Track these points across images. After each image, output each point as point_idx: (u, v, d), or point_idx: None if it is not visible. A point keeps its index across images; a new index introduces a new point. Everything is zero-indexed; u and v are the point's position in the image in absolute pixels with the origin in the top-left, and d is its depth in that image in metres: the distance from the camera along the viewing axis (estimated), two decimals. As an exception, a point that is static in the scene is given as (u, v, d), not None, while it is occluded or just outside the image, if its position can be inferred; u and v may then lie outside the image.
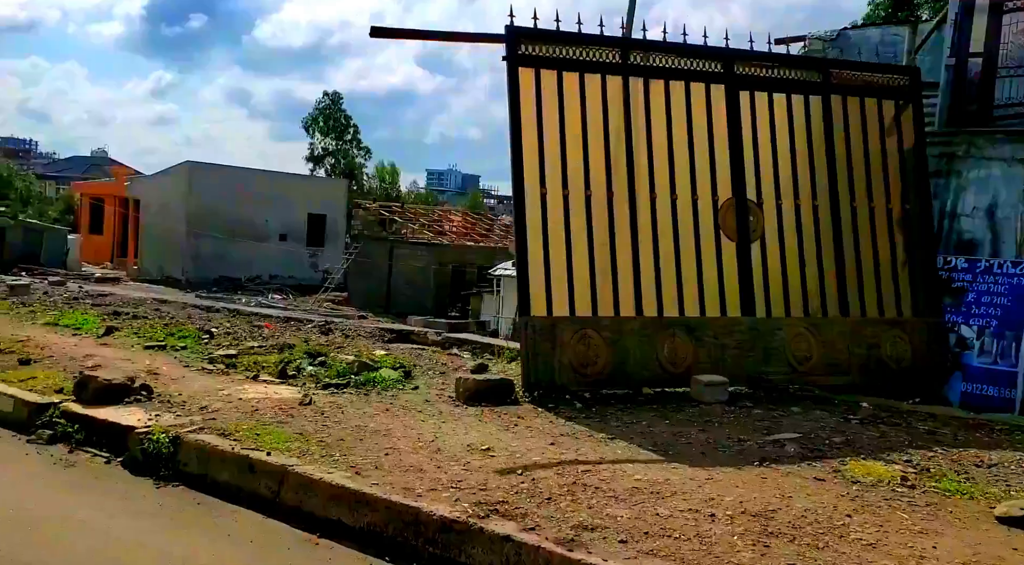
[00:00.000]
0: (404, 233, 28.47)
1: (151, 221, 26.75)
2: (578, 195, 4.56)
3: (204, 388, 4.37)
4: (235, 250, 26.86)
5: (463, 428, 3.63)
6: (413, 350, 5.84)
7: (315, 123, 45.63)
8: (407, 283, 27.54)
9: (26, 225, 24.29)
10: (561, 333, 4.35)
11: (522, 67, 4.53)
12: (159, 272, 25.96)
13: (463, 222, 31.60)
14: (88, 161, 58.88)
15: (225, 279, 26.46)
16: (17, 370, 4.60)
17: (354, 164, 45.49)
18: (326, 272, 29.05)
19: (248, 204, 27.46)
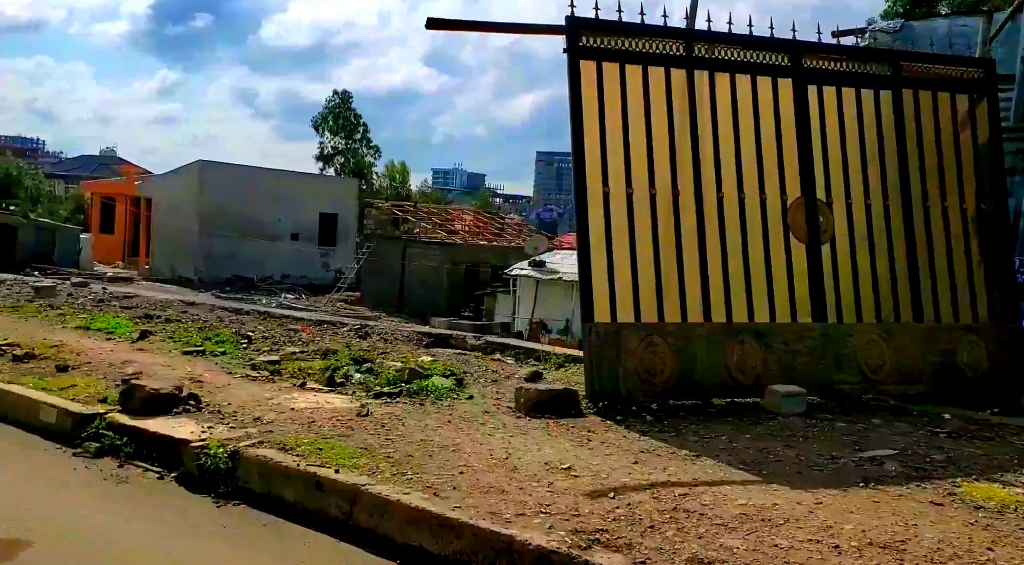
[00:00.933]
0: (417, 232, 28.32)
1: (163, 220, 26.74)
2: (642, 194, 4.34)
3: (252, 397, 4.18)
4: (247, 249, 26.81)
5: (534, 443, 3.41)
6: (456, 355, 5.63)
7: (324, 122, 45.60)
8: (420, 283, 27.40)
9: (38, 224, 24.29)
10: (626, 340, 4.13)
11: (583, 60, 4.31)
12: (171, 272, 25.93)
13: (474, 221, 31.41)
14: (97, 160, 59.12)
15: (237, 279, 26.42)
16: (56, 377, 4.44)
17: (363, 163, 45.42)
18: (338, 272, 28.96)
19: (260, 203, 27.41)
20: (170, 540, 2.76)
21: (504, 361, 5.74)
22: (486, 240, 28.77)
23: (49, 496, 3.05)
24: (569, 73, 4.28)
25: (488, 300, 25.49)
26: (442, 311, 25.29)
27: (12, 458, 3.51)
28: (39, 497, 3.03)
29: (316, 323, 7.11)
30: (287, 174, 31.27)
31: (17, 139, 74.96)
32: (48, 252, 23.11)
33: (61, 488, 3.15)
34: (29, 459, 3.51)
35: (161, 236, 27.15)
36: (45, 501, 2.99)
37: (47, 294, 7.78)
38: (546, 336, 19.57)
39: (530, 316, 21.55)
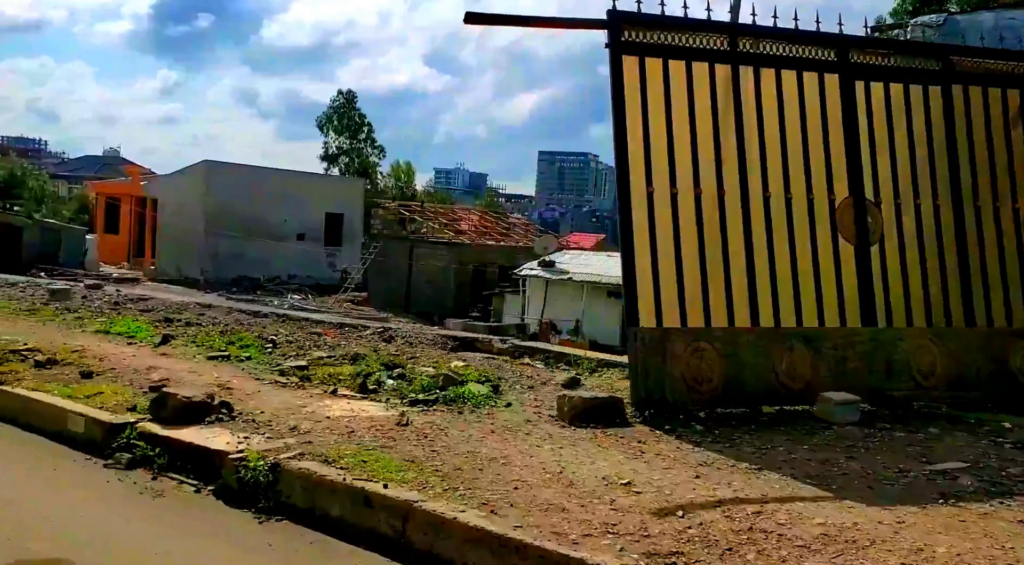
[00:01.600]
0: (424, 232, 28.19)
1: (168, 221, 26.63)
2: (687, 193, 4.19)
3: (285, 405, 4.05)
4: (253, 250, 26.68)
5: (586, 456, 3.27)
6: (485, 360, 5.49)
7: (329, 122, 45.50)
8: (427, 283, 27.26)
9: (43, 225, 24.20)
10: (673, 346, 3.98)
11: (626, 55, 4.15)
12: (177, 272, 25.81)
13: (481, 221, 31.26)
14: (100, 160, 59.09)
15: (244, 279, 26.30)
16: (80, 384, 4.31)
17: (368, 163, 45.31)
18: (344, 272, 28.82)
19: (266, 203, 27.28)
20: (216, 560, 2.63)
21: (534, 365, 5.59)
22: (493, 240, 28.64)
23: (87, 512, 2.92)
24: (611, 69, 4.14)
25: (496, 300, 25.34)
26: (449, 311, 25.15)
27: (42, 470, 3.39)
28: (76, 513, 2.91)
29: (337, 326, 6.98)
30: (293, 174, 31.15)
31: (19, 139, 74.78)
32: (53, 253, 23.00)
33: (97, 503, 3.03)
34: (60, 471, 3.39)
35: (167, 236, 27.06)
36: (83, 517, 2.87)
37: (63, 297, 7.66)
38: (556, 337, 19.45)
39: (540, 316, 21.45)
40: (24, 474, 3.36)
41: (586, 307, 20.17)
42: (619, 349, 17.18)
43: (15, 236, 22.61)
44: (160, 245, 27.16)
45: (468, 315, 24.16)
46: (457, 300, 25.97)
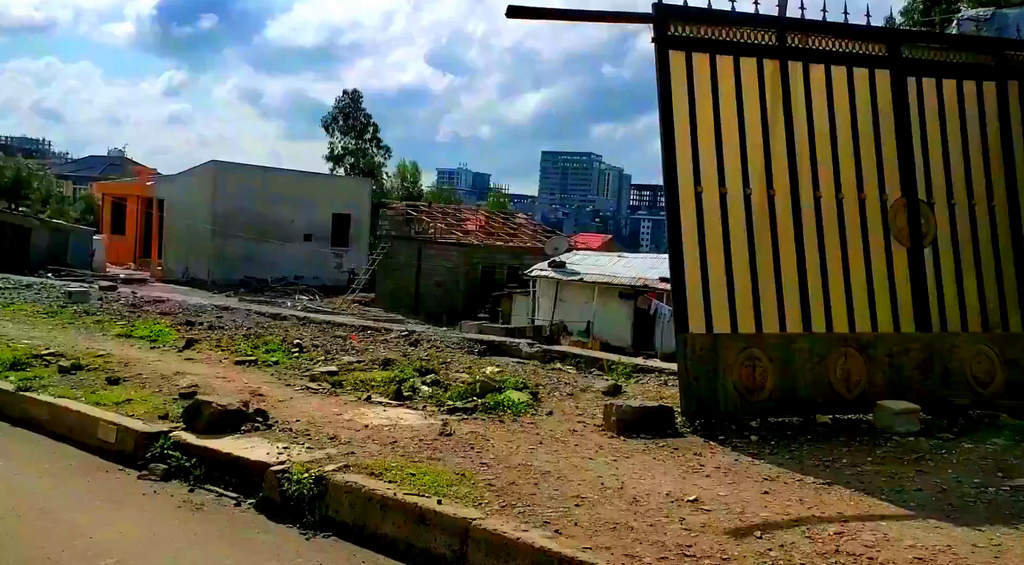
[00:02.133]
0: (432, 233, 28.06)
1: (175, 221, 26.57)
2: (736, 194, 4.03)
3: (320, 412, 3.91)
4: (260, 250, 26.59)
5: (643, 469, 3.12)
6: (516, 364, 5.34)
7: (335, 122, 45.43)
8: (436, 284, 27.13)
9: (51, 226, 24.16)
10: (724, 353, 3.82)
11: (672, 50, 4.00)
12: (184, 273, 25.75)
13: (489, 222, 31.09)
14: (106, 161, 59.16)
15: (251, 280, 26.22)
16: (108, 391, 4.19)
17: (373, 163, 45.20)
18: (352, 273, 28.70)
19: (273, 204, 27.20)
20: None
21: (565, 370, 5.44)
22: (501, 241, 28.50)
23: (125, 527, 2.79)
24: (657, 65, 3.99)
25: (505, 302, 25.20)
26: (458, 312, 25.04)
27: (74, 482, 3.26)
28: (115, 528, 2.77)
29: (360, 329, 6.85)
30: (300, 174, 31.06)
31: (24, 140, 74.59)
32: (61, 254, 22.94)
33: (135, 517, 2.89)
34: (93, 483, 3.26)
35: (173, 237, 27.00)
36: (122, 533, 2.73)
37: (80, 299, 7.56)
38: (566, 338, 19.30)
39: (550, 317, 21.30)
40: (56, 486, 3.23)
41: (597, 308, 20.02)
42: (630, 351, 17.10)
43: (23, 237, 22.58)
44: (167, 246, 27.12)
45: (476, 316, 24.05)
46: (466, 301, 25.85)
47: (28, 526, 2.77)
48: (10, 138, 76.78)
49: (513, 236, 29.45)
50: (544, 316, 20.74)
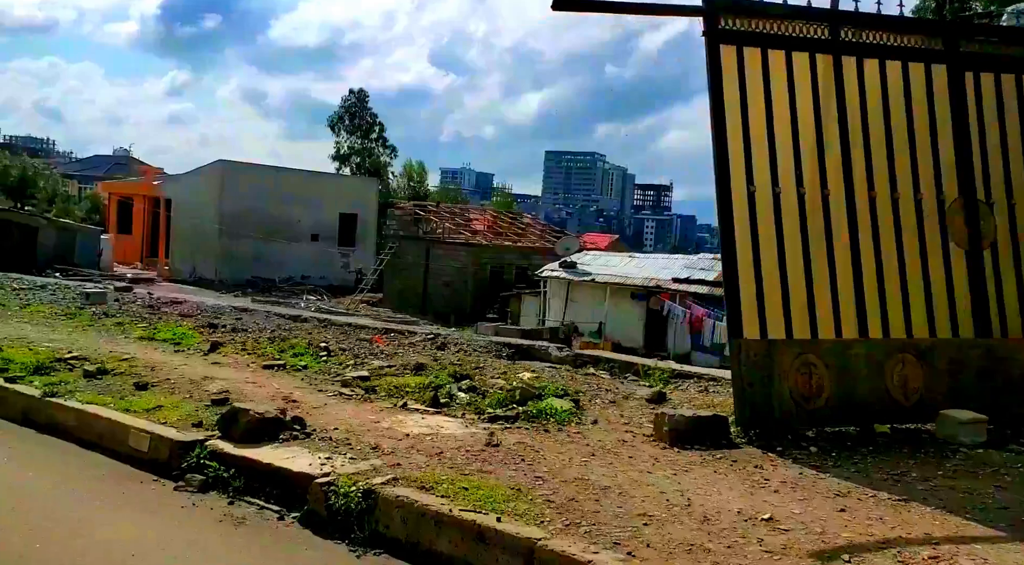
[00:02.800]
0: (440, 233, 27.91)
1: (182, 221, 26.46)
2: (790, 193, 3.88)
3: (357, 420, 3.77)
4: (267, 250, 26.48)
5: (707, 484, 2.96)
6: (550, 370, 5.19)
7: (340, 122, 45.31)
8: (444, 284, 26.98)
9: (58, 225, 24.09)
10: (779, 359, 3.67)
11: (723, 44, 3.85)
12: (191, 273, 25.66)
13: (496, 222, 30.91)
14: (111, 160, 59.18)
15: (258, 280, 26.10)
16: (137, 397, 4.06)
17: (379, 163, 45.08)
18: (359, 273, 28.57)
19: (280, 203, 27.08)
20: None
21: (599, 376, 5.29)
22: (510, 241, 28.33)
23: (165, 542, 2.65)
24: (708, 59, 3.83)
25: (513, 302, 25.03)
26: (467, 313, 24.89)
27: (109, 493, 3.13)
28: (155, 544, 2.64)
29: (384, 332, 6.72)
30: (307, 174, 30.94)
31: (27, 139, 74.54)
32: (68, 253, 22.85)
33: (175, 532, 2.76)
34: (129, 495, 3.13)
35: (180, 237, 26.91)
36: (163, 549, 2.60)
37: (98, 300, 7.45)
38: (578, 339, 19.14)
39: (561, 318, 21.14)
40: (89, 497, 3.10)
41: (609, 309, 19.84)
42: (642, 351, 16.94)
43: (31, 236, 22.51)
44: (174, 245, 27.02)
45: (485, 316, 23.88)
46: (474, 301, 25.70)
47: (63, 542, 2.64)
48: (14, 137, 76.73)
49: (521, 236, 29.26)
50: (555, 317, 20.57)
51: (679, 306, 18.15)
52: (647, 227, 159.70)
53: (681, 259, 21.71)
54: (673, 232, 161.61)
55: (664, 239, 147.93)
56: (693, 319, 17.84)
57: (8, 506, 2.95)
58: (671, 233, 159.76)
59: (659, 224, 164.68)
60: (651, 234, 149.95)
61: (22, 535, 2.65)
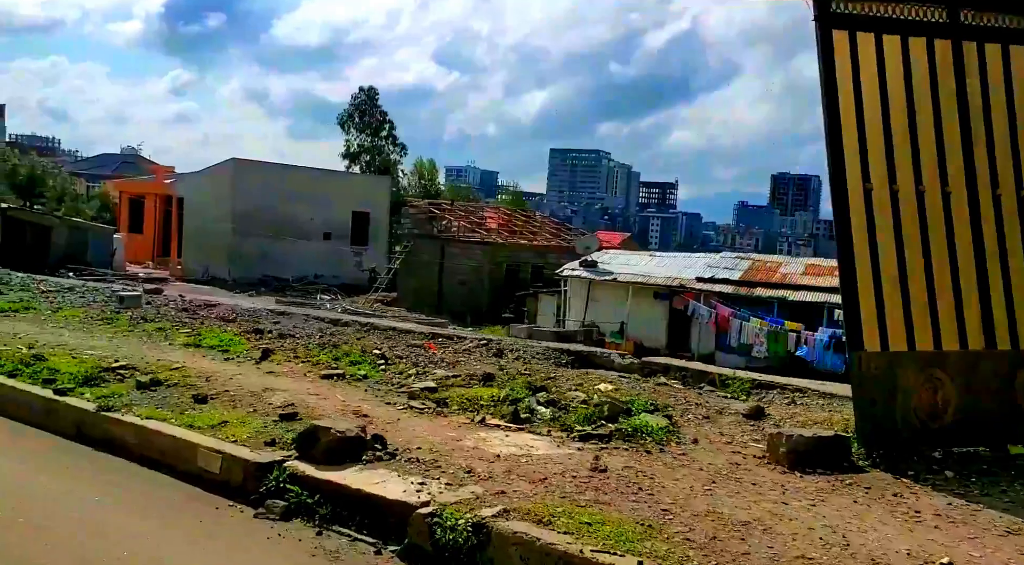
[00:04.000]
0: (455, 231, 27.60)
1: (195, 220, 26.22)
2: (908, 192, 3.56)
3: (437, 437, 3.49)
4: (279, 249, 26.23)
5: (853, 517, 2.65)
6: (624, 380, 4.89)
7: (350, 119, 45.06)
8: (460, 283, 26.66)
9: (71, 224, 23.88)
10: (902, 373, 3.36)
11: (836, 29, 3.54)
12: (204, 272, 25.43)
13: (511, 220, 30.56)
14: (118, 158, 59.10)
15: (271, 279, 25.85)
16: (198, 412, 3.79)
17: (388, 161, 44.82)
18: (372, 271, 28.30)
19: (292, 202, 26.80)
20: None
21: (671, 385, 4.99)
22: (525, 239, 27.98)
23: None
24: (820, 46, 3.52)
25: (530, 301, 24.70)
26: (483, 312, 24.59)
27: (184, 521, 2.85)
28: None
29: (430, 337, 6.43)
30: (319, 172, 30.65)
31: (32, 137, 74.43)
32: (81, 252, 22.63)
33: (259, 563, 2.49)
34: (206, 523, 2.85)
35: (193, 236, 26.69)
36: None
37: (132, 304, 7.19)
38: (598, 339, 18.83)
39: (582, 318, 20.82)
40: (165, 526, 2.83)
41: (631, 308, 19.51)
42: (665, 352, 16.61)
43: (44, 236, 22.33)
44: (186, 244, 26.81)
45: (500, 316, 23.59)
46: (490, 300, 25.39)
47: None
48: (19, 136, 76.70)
49: (535, 234, 28.91)
50: (575, 316, 20.24)
51: (703, 306, 17.80)
52: (652, 225, 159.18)
53: (703, 258, 21.35)
54: (679, 230, 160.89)
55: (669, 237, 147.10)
56: (719, 319, 17.50)
57: (80, 535, 2.69)
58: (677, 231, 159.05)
59: (664, 222, 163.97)
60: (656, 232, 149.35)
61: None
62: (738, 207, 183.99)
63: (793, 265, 19.81)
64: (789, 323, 16.79)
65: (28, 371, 4.37)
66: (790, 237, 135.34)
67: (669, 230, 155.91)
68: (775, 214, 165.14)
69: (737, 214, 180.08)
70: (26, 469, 3.35)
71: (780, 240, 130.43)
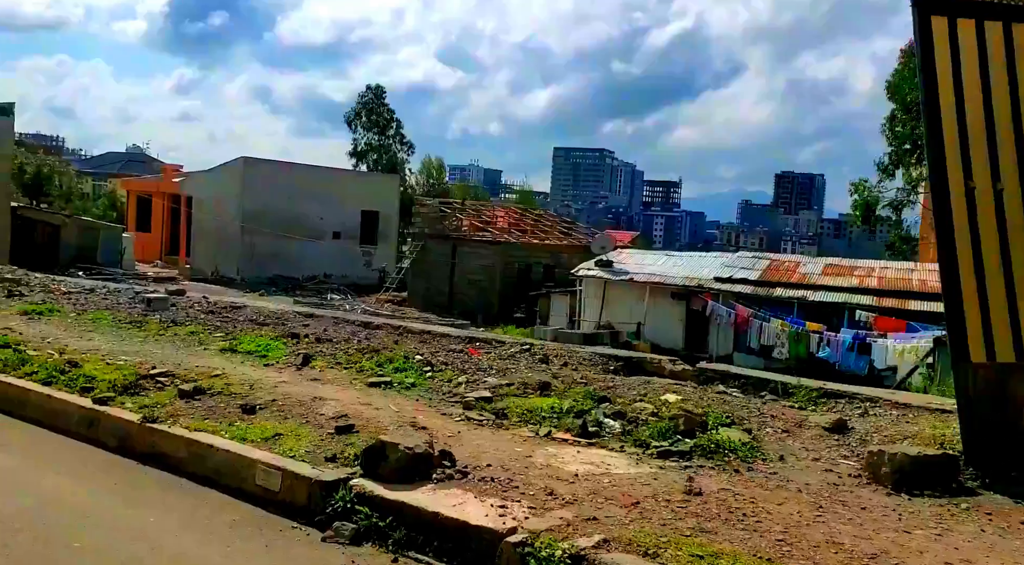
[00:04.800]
0: (466, 230, 27.32)
1: (204, 219, 26.03)
2: (1014, 191, 3.30)
3: (505, 453, 3.26)
4: (288, 248, 26.00)
5: (990, 550, 2.41)
6: (683, 388, 4.65)
7: (357, 118, 44.86)
8: (471, 283, 26.42)
9: (81, 223, 23.72)
10: (1013, 387, 3.12)
11: (934, 15, 3.29)
12: (213, 271, 25.24)
13: (521, 219, 30.27)
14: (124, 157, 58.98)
15: (281, 278, 25.63)
16: (247, 423, 3.57)
17: (395, 160, 44.61)
18: (382, 271, 28.08)
19: (302, 201, 26.56)
20: None
21: (729, 393, 4.74)
22: (536, 239, 27.69)
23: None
24: (918, 33, 3.27)
25: (542, 302, 24.44)
26: (494, 312, 24.35)
27: (250, 548, 2.63)
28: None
29: (467, 340, 6.21)
30: (328, 171, 30.42)
31: (37, 137, 74.54)
32: (91, 251, 22.47)
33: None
34: (272, 548, 2.63)
35: (201, 235, 26.49)
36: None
37: (160, 306, 6.98)
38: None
39: (597, 318, 20.57)
40: (229, 551, 2.61)
41: (648, 309, 19.25)
42: (683, 353, 16.35)
43: (54, 235, 22.20)
44: (195, 243, 26.62)
45: (512, 316, 23.34)
46: (501, 300, 25.15)
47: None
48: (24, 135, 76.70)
49: (546, 233, 28.62)
50: (591, 317, 19.98)
51: (722, 306, 17.53)
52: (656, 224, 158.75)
53: (719, 257, 21.04)
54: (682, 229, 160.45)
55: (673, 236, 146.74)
56: (739, 320, 17.23)
57: (147, 562, 2.48)
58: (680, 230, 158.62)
59: (668, 221, 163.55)
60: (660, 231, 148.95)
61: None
62: (742, 206, 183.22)
63: (811, 265, 19.50)
64: (810, 324, 16.49)
65: (64, 378, 4.17)
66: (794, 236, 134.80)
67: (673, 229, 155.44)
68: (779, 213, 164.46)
69: (741, 213, 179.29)
70: (74, 486, 3.15)
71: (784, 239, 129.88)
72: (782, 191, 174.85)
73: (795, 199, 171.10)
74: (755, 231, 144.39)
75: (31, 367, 4.37)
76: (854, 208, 24.67)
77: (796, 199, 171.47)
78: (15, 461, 3.43)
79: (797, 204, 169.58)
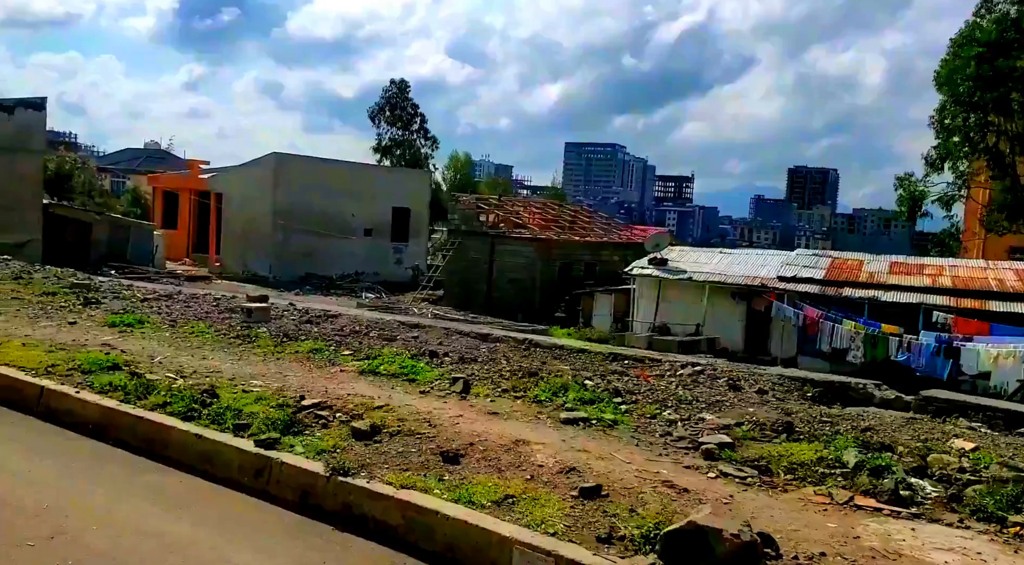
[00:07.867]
0: (503, 227, 26.44)
1: (234, 216, 25.33)
2: None
3: (817, 530, 2.49)
4: (319, 246, 25.27)
5: None
6: (971, 432, 3.75)
7: (380, 113, 44.13)
8: (510, 281, 25.56)
9: (111, 221, 23.16)
10: None
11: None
12: (244, 269, 24.57)
13: (560, 215, 29.26)
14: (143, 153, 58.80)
15: (313, 277, 24.90)
16: (454, 476, 2.81)
17: (419, 155, 43.87)
18: (415, 269, 27.32)
19: (334, 197, 25.82)
20: None
21: (980, 430, 3.94)
22: (577, 236, 26.73)
23: None
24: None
25: (585, 301, 23.57)
26: (535, 311, 23.51)
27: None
28: None
29: (610, 357, 5.43)
30: (360, 167, 29.65)
31: (50, 132, 74.39)
32: (121, 250, 21.91)
33: None
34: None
35: (232, 232, 25.80)
36: None
37: (262, 317, 6.20)
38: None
39: (652, 319, 19.69)
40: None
41: (708, 310, 18.35)
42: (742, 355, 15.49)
43: (85, 232, 21.67)
44: (225, 241, 25.99)
45: (553, 316, 22.52)
46: (542, 298, 24.29)
47: None
48: (38, 132, 76.78)
49: (587, 230, 27.64)
50: (644, 317, 19.10)
51: (790, 307, 16.59)
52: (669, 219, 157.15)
53: (777, 255, 19.98)
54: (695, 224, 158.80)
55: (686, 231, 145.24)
56: (808, 321, 16.29)
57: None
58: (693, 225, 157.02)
59: (681, 216, 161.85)
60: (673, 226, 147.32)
61: None
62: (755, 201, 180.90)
63: (877, 263, 18.45)
64: (886, 326, 15.55)
65: (207, 412, 3.46)
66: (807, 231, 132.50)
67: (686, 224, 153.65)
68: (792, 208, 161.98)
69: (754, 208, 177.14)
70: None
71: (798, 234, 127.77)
72: (795, 186, 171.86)
73: (808, 194, 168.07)
74: (768, 226, 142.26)
75: (160, 396, 3.67)
76: (899, 203, 23.60)
77: (809, 194, 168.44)
78: (186, 526, 2.66)
79: (810, 199, 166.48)
